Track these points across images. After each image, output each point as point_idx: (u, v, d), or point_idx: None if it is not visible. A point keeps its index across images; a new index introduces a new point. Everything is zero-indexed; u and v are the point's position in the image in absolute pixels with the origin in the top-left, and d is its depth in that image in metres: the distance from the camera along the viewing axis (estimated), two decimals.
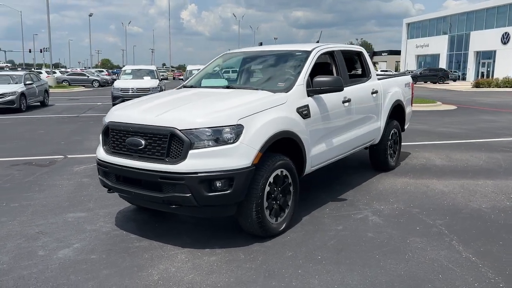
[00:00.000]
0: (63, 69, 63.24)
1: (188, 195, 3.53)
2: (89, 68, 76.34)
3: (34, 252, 3.74)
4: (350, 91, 5.19)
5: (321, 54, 5.09)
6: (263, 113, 3.87)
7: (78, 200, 5.19)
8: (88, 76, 39.52)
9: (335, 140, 4.94)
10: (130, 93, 15.43)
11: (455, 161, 7.15)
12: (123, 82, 16.74)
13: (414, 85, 7.90)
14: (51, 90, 22.15)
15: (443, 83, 41.15)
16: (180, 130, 3.55)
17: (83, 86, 37.02)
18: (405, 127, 7.04)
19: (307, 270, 3.40)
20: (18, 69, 43.53)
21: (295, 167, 4.28)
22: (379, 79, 6.25)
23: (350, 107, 5.15)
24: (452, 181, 5.92)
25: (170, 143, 3.59)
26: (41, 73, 32.09)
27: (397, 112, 6.65)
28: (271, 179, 3.89)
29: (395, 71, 52.53)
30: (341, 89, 4.57)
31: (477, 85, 34.34)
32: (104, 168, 4.01)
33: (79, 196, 5.33)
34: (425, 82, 41.22)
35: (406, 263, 3.51)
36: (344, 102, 5.03)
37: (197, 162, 3.52)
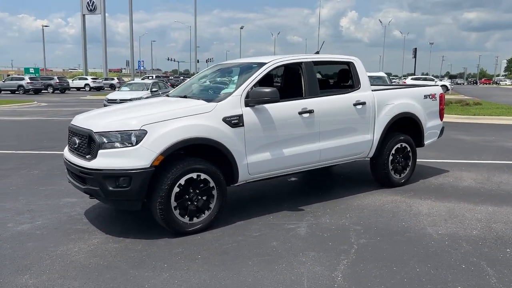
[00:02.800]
0: None
1: (97, 188, 4.15)
2: None
3: (5, 224, 4.76)
4: (315, 102, 5.18)
5: (284, 65, 5.23)
6: (175, 120, 4.28)
7: None
8: None
9: (288, 150, 5.00)
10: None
11: (488, 184, 6.34)
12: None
13: None
14: None
15: None
16: (94, 132, 4.19)
17: None
18: (425, 142, 6.51)
19: (178, 266, 3.70)
20: (150, 76, 49.34)
21: (225, 173, 4.56)
22: (380, 89, 5.99)
23: (312, 119, 5.14)
24: (446, 204, 5.39)
25: (89, 143, 4.26)
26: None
27: (405, 125, 6.25)
28: (181, 181, 4.26)
29: None
30: (277, 100, 4.68)
31: None
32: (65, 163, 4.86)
33: None
34: None
35: (270, 272, 3.56)
36: (302, 113, 5.06)
37: (103, 160, 4.11)
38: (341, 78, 6.06)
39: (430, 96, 6.49)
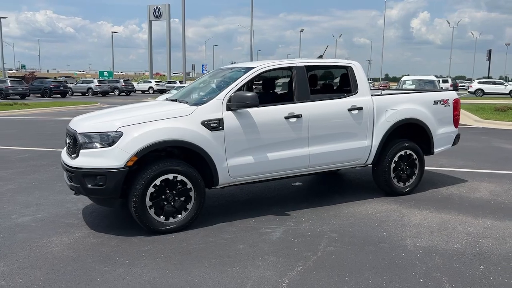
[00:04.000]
0: None
1: (78, 185, 4.43)
2: None
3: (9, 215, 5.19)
4: (304, 106, 5.16)
5: (273, 70, 5.26)
6: (151, 122, 4.46)
7: None
8: None
9: (273, 155, 5.01)
10: None
11: (502, 197, 5.93)
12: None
13: None
14: None
15: None
16: (78, 133, 4.48)
17: None
18: (435, 150, 6.21)
19: (138, 263, 3.86)
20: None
21: (205, 175, 4.69)
22: (380, 94, 5.82)
23: (300, 123, 5.11)
24: (443, 216, 5.13)
25: (74, 143, 4.55)
26: None
27: (412, 131, 6.02)
28: (157, 182, 4.43)
29: None
30: (256, 105, 4.73)
31: None
32: None
33: None
34: None
35: (220, 274, 3.62)
36: (289, 117, 5.05)
37: (84, 159, 4.38)
38: (339, 83, 5.95)
39: (442, 102, 6.19)
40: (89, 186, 4.35)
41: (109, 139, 4.33)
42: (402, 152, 5.88)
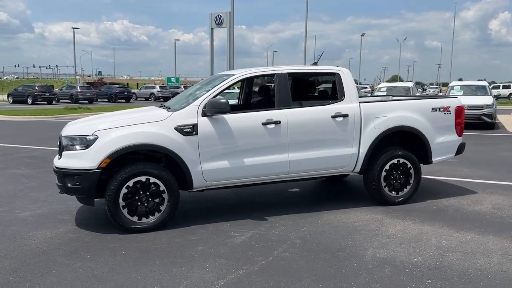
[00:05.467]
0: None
1: (61, 184, 4.81)
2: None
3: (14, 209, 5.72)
4: (283, 113, 5.21)
5: (254, 77, 5.39)
6: (126, 127, 4.74)
7: None
8: None
9: (250, 160, 5.11)
10: None
11: (504, 211, 5.58)
12: None
13: None
14: None
15: None
16: (62, 136, 4.87)
17: None
18: (433, 159, 5.98)
19: (97, 258, 4.13)
20: None
21: (180, 178, 4.91)
22: (372, 102, 5.73)
23: (278, 130, 5.17)
24: (424, 227, 4.95)
25: (60, 145, 4.95)
26: None
27: (406, 140, 5.85)
28: (130, 183, 4.71)
29: None
30: (227, 111, 4.88)
31: None
32: None
33: None
34: None
35: (164, 273, 3.79)
36: (266, 124, 5.13)
37: (65, 160, 4.76)
38: (325, 90, 5.91)
39: (441, 109, 5.95)
40: (69, 185, 4.71)
41: (86, 142, 4.66)
42: (395, 161, 5.72)
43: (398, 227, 4.94)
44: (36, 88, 35.52)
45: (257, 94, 6.61)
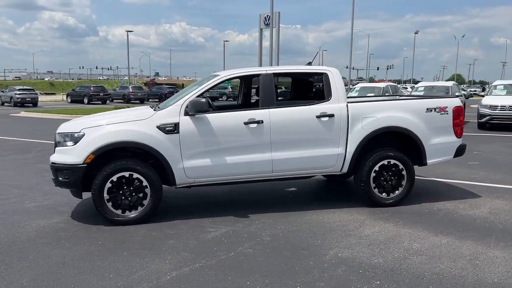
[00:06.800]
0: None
1: (54, 178, 5.19)
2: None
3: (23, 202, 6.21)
4: (266, 113, 5.30)
5: (240, 78, 5.53)
6: (110, 125, 5.04)
7: None
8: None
9: (232, 158, 5.24)
10: (497, 111, 14.60)
11: (498, 216, 5.34)
12: (492, 99, 15.15)
13: None
14: None
15: None
16: (56, 133, 5.25)
17: None
18: (428, 161, 5.82)
19: (75, 247, 4.43)
20: None
21: (162, 175, 5.14)
22: (360, 102, 5.69)
23: (261, 129, 5.27)
24: (402, 230, 4.86)
25: (55, 141, 5.33)
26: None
27: (400, 141, 5.75)
28: (114, 178, 5.00)
29: None
30: (207, 111, 5.05)
31: None
32: None
33: None
34: None
35: (126, 263, 4.02)
36: (249, 123, 5.24)
37: (57, 156, 5.13)
38: (311, 90, 5.91)
39: (437, 110, 5.78)
40: (60, 178, 5.07)
41: (74, 139, 5.00)
42: (385, 162, 5.63)
43: (376, 229, 4.88)
44: (92, 88, 37.51)
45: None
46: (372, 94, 16.81)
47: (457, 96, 16.06)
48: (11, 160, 9.65)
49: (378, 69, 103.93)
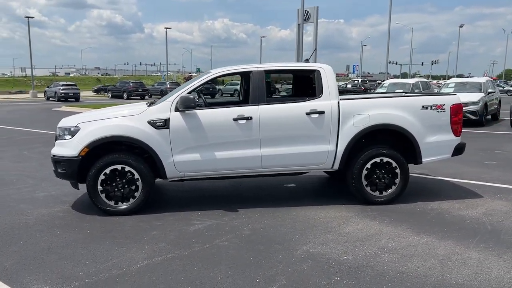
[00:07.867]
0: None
1: (54, 169, 5.51)
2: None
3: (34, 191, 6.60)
4: (255, 109, 5.39)
5: (231, 75, 5.61)
6: (104, 120, 5.29)
7: None
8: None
9: (221, 154, 5.36)
10: None
11: (491, 217, 5.19)
12: None
13: None
14: None
15: None
16: (57, 127, 5.56)
17: None
18: (424, 159, 5.72)
19: (65, 235, 4.71)
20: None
21: (153, 168, 5.36)
22: (353, 98, 5.67)
23: (250, 125, 5.36)
24: (384, 228, 4.83)
25: (56, 134, 5.65)
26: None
27: (391, 138, 5.70)
28: (107, 171, 5.25)
29: None
30: (193, 107, 5.20)
31: None
32: None
33: None
34: None
35: (105, 251, 4.25)
36: (238, 119, 5.35)
37: (56, 148, 5.44)
38: (303, 87, 5.92)
39: (434, 107, 5.66)
40: (59, 170, 5.38)
41: (71, 133, 5.28)
42: (377, 159, 5.59)
43: (359, 226, 4.88)
44: (131, 84, 38.71)
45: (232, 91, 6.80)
46: (402, 91, 16.46)
47: (489, 93, 15.58)
48: (39, 152, 10.18)
49: (422, 64, 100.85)
